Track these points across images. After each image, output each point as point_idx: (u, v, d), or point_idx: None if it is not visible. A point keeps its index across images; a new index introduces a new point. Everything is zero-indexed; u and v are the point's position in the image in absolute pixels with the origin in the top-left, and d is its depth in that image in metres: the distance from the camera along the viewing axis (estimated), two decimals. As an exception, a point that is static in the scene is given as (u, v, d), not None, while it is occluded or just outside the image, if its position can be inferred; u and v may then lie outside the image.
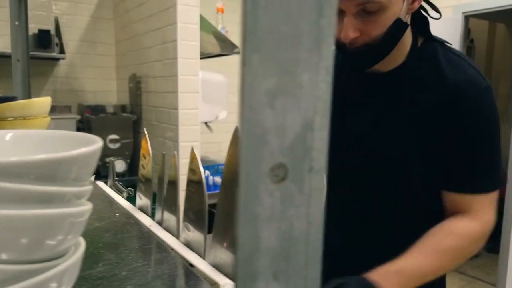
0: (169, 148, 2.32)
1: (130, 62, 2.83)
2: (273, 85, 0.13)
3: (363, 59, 0.78)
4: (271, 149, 0.14)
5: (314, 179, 0.15)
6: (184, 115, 2.20)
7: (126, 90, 2.85)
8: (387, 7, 0.69)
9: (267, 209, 0.14)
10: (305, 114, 0.14)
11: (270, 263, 0.14)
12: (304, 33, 0.14)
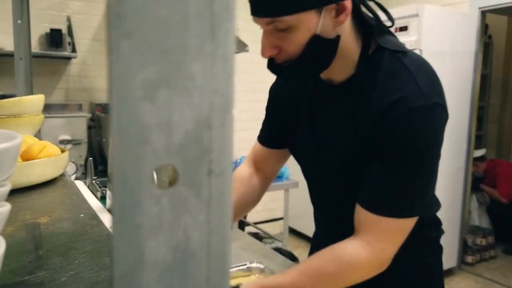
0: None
1: (140, 61, 2.85)
2: (153, 76, 0.12)
3: (286, 74, 0.78)
4: (154, 149, 0.12)
5: (214, 183, 0.13)
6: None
7: (137, 88, 2.87)
8: (297, 25, 0.68)
9: (152, 217, 0.12)
10: (198, 109, 0.13)
11: (159, 277, 0.13)
12: (192, 17, 0.12)
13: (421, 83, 0.71)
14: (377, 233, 0.75)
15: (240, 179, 1.03)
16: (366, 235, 0.76)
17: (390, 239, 0.75)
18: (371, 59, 0.76)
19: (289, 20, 0.67)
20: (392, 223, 0.74)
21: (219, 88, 0.13)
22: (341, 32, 0.72)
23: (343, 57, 0.75)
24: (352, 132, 0.78)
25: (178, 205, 0.13)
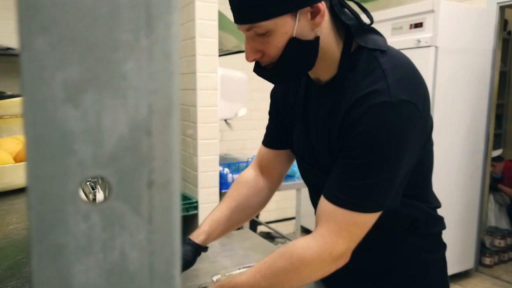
0: (189, 146, 2.32)
1: (152, 60, 2.86)
2: (75, 76, 0.10)
3: (270, 76, 0.81)
4: (80, 159, 0.11)
5: (156, 197, 0.12)
6: (202, 113, 2.19)
7: (149, 87, 2.88)
8: (274, 29, 0.71)
9: (80, 237, 0.11)
10: (134, 113, 0.11)
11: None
12: (123, 8, 0.10)
13: (391, 80, 0.71)
14: (332, 225, 0.75)
15: (244, 182, 1.05)
16: (322, 226, 0.76)
17: (343, 233, 0.75)
18: (351, 59, 0.78)
19: (266, 25, 0.71)
20: (347, 216, 0.74)
21: (160, 89, 0.11)
22: (320, 33, 0.75)
23: (325, 57, 0.78)
24: (329, 132, 0.80)
25: (112, 222, 0.11)
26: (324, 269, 0.77)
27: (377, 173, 0.72)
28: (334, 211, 0.75)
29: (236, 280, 0.80)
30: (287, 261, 0.77)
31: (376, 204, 0.74)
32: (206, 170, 2.25)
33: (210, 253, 1.42)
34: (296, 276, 0.77)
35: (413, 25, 2.85)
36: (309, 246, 0.76)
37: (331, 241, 0.74)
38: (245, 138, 3.86)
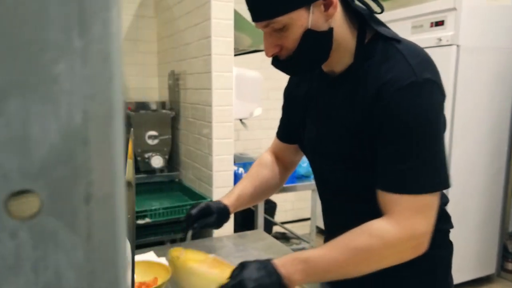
0: (204, 145, 2.33)
1: (170, 59, 2.88)
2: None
3: (288, 68, 0.85)
4: (5, 171, 0.10)
5: (96, 212, 0.11)
6: (217, 112, 2.19)
7: (167, 87, 2.90)
8: (290, 23, 0.75)
9: (6, 255, 0.10)
10: (67, 120, 0.10)
11: (21, 328, 0.10)
12: (52, 4, 0.09)
13: (413, 62, 0.75)
14: (402, 212, 0.75)
15: (265, 164, 1.14)
16: (393, 214, 0.76)
17: (417, 216, 0.75)
18: (367, 48, 0.81)
19: (282, 20, 0.75)
20: (414, 200, 0.74)
21: (97, 94, 0.10)
22: (334, 24, 0.78)
23: (339, 48, 0.81)
24: (349, 120, 0.82)
25: (44, 239, 0.10)
26: (405, 254, 0.76)
27: (422, 151, 0.74)
28: (398, 199, 0.75)
29: (309, 253, 0.79)
30: (367, 240, 0.75)
31: (434, 183, 0.75)
32: (221, 169, 2.25)
33: (222, 252, 1.42)
34: (375, 256, 0.76)
35: (434, 23, 2.77)
36: (387, 228, 0.75)
37: (408, 224, 0.74)
38: (261, 137, 3.84)
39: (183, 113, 2.68)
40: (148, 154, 2.59)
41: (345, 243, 0.78)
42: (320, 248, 0.80)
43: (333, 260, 0.77)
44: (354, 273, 0.78)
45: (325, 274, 0.78)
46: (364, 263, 0.77)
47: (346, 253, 0.76)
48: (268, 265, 0.78)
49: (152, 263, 1.12)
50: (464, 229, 2.85)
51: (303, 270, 0.77)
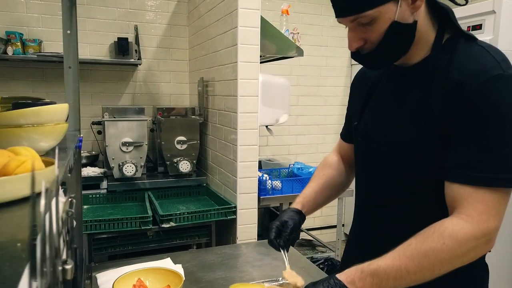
0: (229, 151, 2.35)
1: (200, 67, 2.94)
2: None
3: (368, 62, 0.87)
4: None
5: None
6: (243, 119, 2.21)
7: (197, 93, 2.96)
8: (378, 17, 0.76)
9: None
10: None
11: None
12: None
13: (498, 58, 0.76)
14: (476, 206, 0.73)
15: (329, 164, 1.17)
16: (464, 208, 0.74)
17: (491, 211, 0.73)
18: (448, 42, 0.83)
19: (371, 14, 0.76)
20: (490, 194, 0.73)
21: None
22: (418, 18, 0.80)
23: (419, 40, 0.83)
24: (422, 107, 0.82)
25: None
26: (477, 250, 0.75)
27: (506, 142, 0.73)
28: (473, 192, 0.74)
29: (378, 263, 0.77)
30: (439, 241, 0.74)
31: None
32: (246, 175, 2.26)
33: (240, 262, 1.42)
34: (448, 257, 0.73)
35: (471, 27, 2.66)
36: (460, 225, 0.74)
37: (482, 220, 0.73)
38: (290, 143, 3.83)
39: (211, 119, 2.72)
40: (177, 159, 2.65)
41: (415, 248, 0.75)
42: (387, 256, 0.76)
43: (404, 268, 0.74)
44: (427, 278, 0.75)
45: (396, 284, 0.75)
46: (437, 266, 0.74)
47: (417, 259, 0.74)
48: (335, 284, 0.75)
49: (166, 270, 1.15)
50: (500, 260, 2.69)
51: (374, 283, 0.75)
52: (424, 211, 0.87)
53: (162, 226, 2.12)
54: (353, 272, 0.78)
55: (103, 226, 2.02)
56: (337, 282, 0.76)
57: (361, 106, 1.01)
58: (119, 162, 2.48)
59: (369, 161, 0.98)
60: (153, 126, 2.96)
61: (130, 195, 2.55)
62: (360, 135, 1.00)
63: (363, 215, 1.03)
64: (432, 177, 0.81)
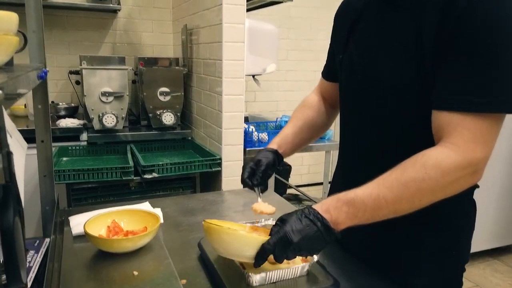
0: (214, 101, 2.26)
1: (184, 14, 2.78)
2: None
3: None
4: None
5: None
6: (228, 67, 2.10)
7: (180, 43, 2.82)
8: None
9: None
10: None
11: None
12: None
13: None
14: (463, 134, 0.67)
15: (309, 105, 1.12)
16: (451, 137, 0.68)
17: (479, 140, 0.67)
18: None
19: None
20: (478, 120, 0.67)
21: None
22: None
23: None
24: (412, 31, 0.74)
25: None
26: (461, 182, 0.69)
27: (498, 62, 0.65)
28: (461, 118, 0.68)
29: (356, 192, 0.72)
30: (421, 170, 0.68)
31: (503, 101, 0.67)
32: (231, 127, 2.18)
33: (222, 207, 1.37)
34: (430, 187, 0.68)
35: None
36: (444, 154, 0.68)
37: (468, 149, 0.67)
38: (279, 99, 3.74)
39: (195, 69, 2.60)
40: (160, 111, 2.55)
41: (395, 178, 0.70)
42: (366, 186, 0.72)
43: (383, 198, 0.70)
44: (405, 209, 0.71)
45: (374, 214, 0.71)
46: (417, 197, 0.69)
47: (397, 188, 0.69)
48: (310, 212, 0.72)
49: (143, 212, 1.09)
50: (486, 197, 2.71)
51: (350, 212, 0.71)
52: (416, 151, 0.81)
53: (145, 177, 2.06)
54: (329, 201, 0.73)
55: (82, 176, 1.94)
56: (311, 211, 0.72)
57: (346, 38, 0.93)
58: (99, 113, 2.38)
59: (355, 98, 0.91)
60: (135, 77, 2.83)
61: (112, 147, 2.47)
62: (345, 69, 0.93)
63: (351, 158, 0.97)
64: (422, 112, 0.75)
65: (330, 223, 0.71)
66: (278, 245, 0.70)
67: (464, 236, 0.87)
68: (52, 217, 1.17)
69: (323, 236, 0.71)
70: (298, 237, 0.70)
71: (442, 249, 0.85)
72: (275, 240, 0.70)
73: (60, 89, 2.93)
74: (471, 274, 2.67)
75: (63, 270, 0.87)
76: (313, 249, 0.74)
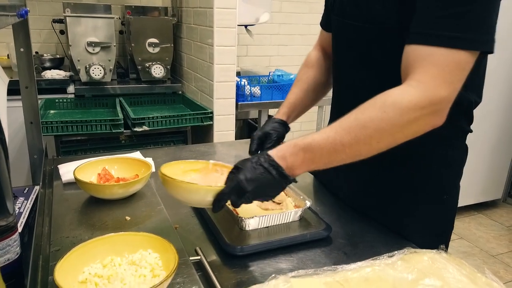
0: (205, 53, 2.19)
1: (172, -40, 2.63)
2: None
3: None
4: None
5: None
6: (220, 15, 2.01)
7: (169, -9, 2.69)
8: None
9: None
10: None
11: None
12: None
13: None
14: (429, 70, 0.64)
15: (311, 64, 1.09)
16: (418, 73, 0.65)
17: (445, 77, 0.63)
18: None
19: None
20: (447, 55, 0.63)
21: None
22: None
23: None
24: None
25: None
26: (420, 122, 0.66)
27: (474, 3, 0.62)
28: (430, 53, 0.64)
29: (313, 136, 0.69)
30: (379, 110, 0.65)
31: (477, 38, 0.63)
32: (223, 80, 2.13)
33: (214, 158, 1.36)
34: (388, 127, 0.65)
35: None
36: (406, 92, 0.65)
37: (431, 86, 0.64)
38: (271, 54, 3.65)
39: (185, 19, 2.50)
40: (149, 63, 2.47)
41: (354, 119, 0.67)
42: (323, 130, 0.69)
43: (339, 141, 0.66)
44: (363, 153, 0.68)
45: (331, 158, 0.68)
46: (374, 138, 0.66)
47: (354, 130, 0.66)
48: (265, 160, 0.68)
49: (134, 159, 1.07)
50: (477, 152, 2.75)
51: (306, 157, 0.68)
52: None
53: (135, 130, 2.02)
54: (286, 147, 0.70)
55: (70, 128, 1.90)
56: (267, 158, 0.69)
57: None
58: (86, 65, 2.29)
59: (348, 44, 0.87)
60: (122, 28, 2.71)
61: (100, 100, 2.41)
62: (337, 13, 0.89)
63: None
64: None
65: (286, 169, 0.69)
66: (233, 193, 0.69)
67: (454, 181, 0.88)
68: (40, 166, 1.15)
69: (278, 183, 0.69)
70: (252, 186, 0.67)
71: (433, 193, 0.85)
72: (229, 189, 0.69)
73: (44, 39, 2.81)
74: (456, 227, 2.76)
75: (54, 215, 0.86)
76: (269, 195, 0.73)
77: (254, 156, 0.71)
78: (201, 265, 0.72)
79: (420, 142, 0.82)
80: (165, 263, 0.65)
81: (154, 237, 0.69)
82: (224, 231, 0.81)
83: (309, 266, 0.75)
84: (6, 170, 0.39)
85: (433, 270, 0.65)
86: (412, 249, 0.71)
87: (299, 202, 0.89)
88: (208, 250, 0.79)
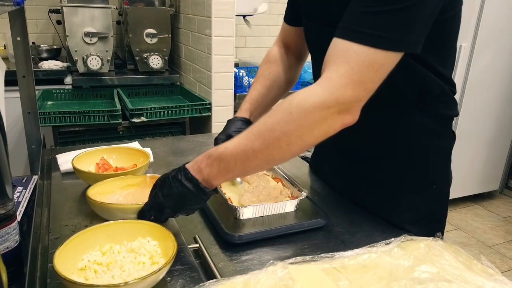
0: (203, 44, 2.18)
1: (170, -51, 2.60)
2: None
3: None
4: None
5: None
6: (218, 6, 2.00)
7: (167, -19, 2.66)
8: None
9: None
10: None
11: None
12: None
13: None
14: (341, 65, 0.62)
15: (274, 60, 1.03)
16: (329, 69, 0.63)
17: (355, 76, 0.61)
18: None
19: None
20: (362, 52, 0.60)
21: None
22: None
23: None
24: None
25: None
26: (328, 121, 0.63)
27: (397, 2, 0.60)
28: (347, 48, 0.62)
29: (226, 145, 0.67)
30: (285, 111, 0.63)
31: (398, 39, 0.61)
32: (221, 70, 2.13)
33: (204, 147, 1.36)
34: (294, 128, 0.63)
35: None
36: (313, 91, 0.63)
37: (339, 84, 0.61)
38: (270, 45, 3.63)
39: (183, 9, 2.48)
40: (147, 54, 2.46)
41: (262, 123, 0.65)
42: (237, 137, 0.68)
43: (250, 148, 0.64)
44: (276, 157, 0.67)
45: (245, 166, 0.67)
46: (283, 141, 0.63)
47: (263, 135, 0.64)
48: (181, 174, 0.68)
49: (133, 149, 1.07)
50: (473, 144, 2.76)
51: (221, 168, 0.67)
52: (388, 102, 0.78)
53: (133, 121, 2.02)
54: (201, 158, 0.69)
55: (68, 119, 1.90)
56: (183, 173, 0.69)
57: None
58: (83, 55, 2.28)
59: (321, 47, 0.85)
60: (120, 18, 2.69)
61: (98, 91, 2.40)
62: (306, 15, 0.87)
63: None
64: None
65: (203, 182, 0.68)
66: (152, 210, 0.71)
67: (444, 168, 0.88)
68: (38, 156, 1.15)
69: (195, 197, 0.69)
70: (170, 201, 0.69)
71: (424, 182, 0.85)
72: (148, 207, 0.71)
73: (41, 29, 2.78)
74: (452, 218, 2.78)
75: (52, 204, 0.87)
76: (191, 208, 0.74)
77: (174, 170, 0.71)
78: (199, 253, 0.72)
79: (406, 135, 0.82)
80: (164, 251, 0.66)
81: (152, 225, 0.69)
82: (222, 220, 0.81)
83: (307, 254, 0.75)
84: (5, 155, 0.39)
85: (430, 257, 0.65)
86: (409, 237, 0.71)
87: (296, 193, 0.90)
88: (207, 238, 0.79)
